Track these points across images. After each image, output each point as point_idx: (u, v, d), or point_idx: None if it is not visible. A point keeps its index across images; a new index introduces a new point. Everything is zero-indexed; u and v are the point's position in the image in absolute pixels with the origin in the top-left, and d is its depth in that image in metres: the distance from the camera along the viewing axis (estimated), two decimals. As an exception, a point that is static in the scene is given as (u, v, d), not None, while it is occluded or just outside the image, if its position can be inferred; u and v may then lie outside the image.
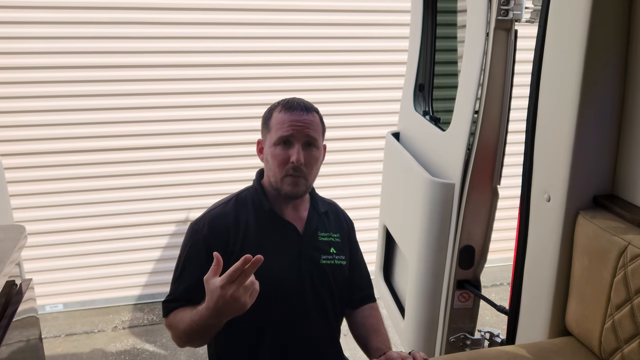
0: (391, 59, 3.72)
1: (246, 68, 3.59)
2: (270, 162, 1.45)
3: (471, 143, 1.79)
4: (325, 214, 1.60)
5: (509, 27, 1.68)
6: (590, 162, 1.42)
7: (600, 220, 1.37)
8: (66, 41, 3.28)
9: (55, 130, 3.39)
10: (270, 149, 1.44)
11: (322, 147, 1.50)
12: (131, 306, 3.75)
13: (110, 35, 3.32)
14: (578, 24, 1.35)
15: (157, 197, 3.65)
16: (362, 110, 3.84)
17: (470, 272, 1.90)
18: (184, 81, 3.50)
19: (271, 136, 1.45)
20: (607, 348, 1.31)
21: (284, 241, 1.49)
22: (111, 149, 3.49)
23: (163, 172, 3.62)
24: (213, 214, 1.48)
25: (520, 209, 1.61)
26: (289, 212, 1.52)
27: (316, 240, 1.53)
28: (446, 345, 1.97)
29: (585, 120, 1.38)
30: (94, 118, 3.42)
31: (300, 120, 1.43)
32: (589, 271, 1.37)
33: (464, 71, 1.85)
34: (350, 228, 1.69)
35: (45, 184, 3.45)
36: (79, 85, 3.35)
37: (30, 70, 3.27)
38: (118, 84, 3.41)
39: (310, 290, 1.49)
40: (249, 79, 3.61)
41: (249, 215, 1.48)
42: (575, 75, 1.37)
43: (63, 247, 3.58)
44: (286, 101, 1.48)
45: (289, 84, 3.65)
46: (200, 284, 1.42)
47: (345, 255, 1.58)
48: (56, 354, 3.20)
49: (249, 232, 1.46)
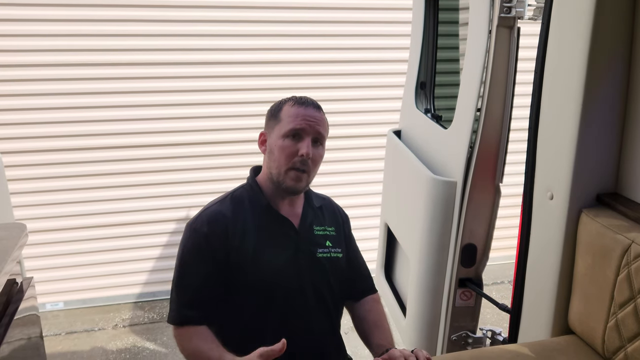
0: (393, 57, 3.71)
1: (244, 66, 3.58)
2: (277, 154, 1.45)
3: (473, 141, 1.78)
4: (320, 209, 1.62)
5: (512, 25, 1.67)
6: (593, 160, 1.42)
7: (604, 219, 1.36)
8: (64, 39, 3.27)
9: (55, 128, 3.38)
10: (279, 140, 1.45)
11: (325, 147, 1.52)
12: (132, 304, 3.74)
13: (106, 33, 3.31)
14: (581, 21, 1.34)
15: (158, 195, 3.65)
16: (363, 108, 3.83)
17: (472, 270, 1.90)
18: (181, 79, 3.49)
19: (280, 127, 1.45)
20: (611, 347, 1.30)
21: (281, 236, 1.50)
22: (113, 146, 3.49)
23: (164, 170, 3.61)
24: (210, 212, 1.48)
25: (523, 207, 1.61)
26: (285, 207, 1.53)
27: (312, 234, 1.54)
28: (448, 344, 1.96)
29: (588, 118, 1.37)
30: (94, 116, 3.42)
31: (313, 116, 1.46)
32: (592, 270, 1.37)
33: (466, 69, 1.84)
34: (345, 221, 1.70)
35: (46, 182, 3.44)
36: (79, 83, 3.35)
37: (31, 68, 3.27)
38: (117, 81, 3.40)
39: (309, 284, 1.50)
40: (246, 77, 3.60)
41: (246, 211, 1.49)
42: (578, 72, 1.36)
43: (64, 245, 3.58)
44: (298, 97, 1.51)
45: (289, 82, 3.64)
46: (207, 285, 1.43)
47: (341, 248, 1.59)
48: (57, 352, 3.20)
49: (247, 228, 1.46)
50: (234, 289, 1.44)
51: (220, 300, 1.45)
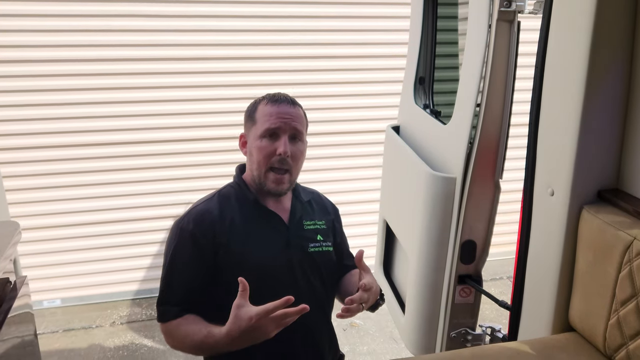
0: (391, 52, 3.69)
1: (237, 61, 3.56)
2: (255, 155, 1.44)
3: (473, 136, 1.76)
4: (309, 203, 1.61)
5: (512, 19, 1.65)
6: (594, 156, 1.40)
7: (605, 215, 1.35)
8: (57, 34, 3.25)
9: (50, 125, 3.36)
10: (256, 141, 1.44)
11: (306, 142, 1.50)
12: (129, 301, 3.73)
13: (96, 28, 3.29)
14: (583, 15, 1.32)
15: (156, 192, 3.63)
16: (361, 104, 3.81)
17: (471, 267, 1.88)
18: (172, 75, 3.48)
19: (257, 128, 1.44)
20: (612, 344, 1.29)
21: (270, 232, 1.48)
22: (109, 143, 3.47)
23: (161, 167, 3.60)
24: (197, 211, 1.46)
25: (523, 204, 1.59)
26: (273, 203, 1.52)
27: (302, 229, 1.53)
28: (447, 341, 1.95)
29: (589, 114, 1.36)
30: (90, 112, 3.40)
31: (287, 113, 1.44)
32: (593, 266, 1.35)
33: (465, 64, 1.82)
34: (335, 213, 1.69)
35: (41, 179, 3.42)
36: (73, 79, 3.33)
37: (24, 64, 3.24)
38: (109, 77, 3.38)
39: (301, 279, 1.49)
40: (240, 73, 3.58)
41: (233, 208, 1.48)
42: (579, 67, 1.34)
43: (61, 242, 3.56)
44: (272, 95, 1.49)
45: (284, 78, 3.63)
46: (192, 283, 1.41)
47: (331, 241, 1.59)
48: (54, 350, 3.19)
49: (234, 225, 1.45)
50: (223, 285, 1.42)
51: (210, 296, 1.43)
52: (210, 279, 1.42)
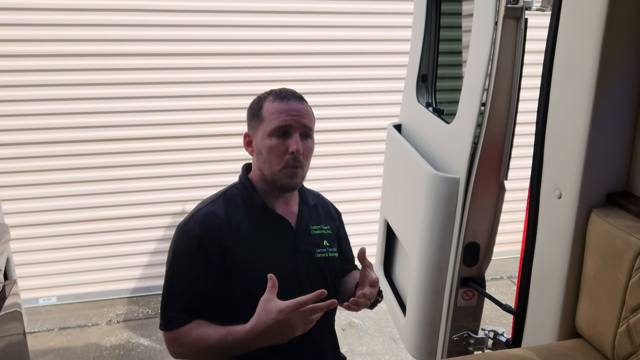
0: (393, 49, 3.65)
1: (240, 57, 3.52)
2: (266, 154, 1.39)
3: (477, 136, 1.72)
4: (315, 207, 1.57)
5: (519, 16, 1.61)
6: (604, 158, 1.36)
7: (615, 219, 1.31)
8: (52, 29, 3.21)
9: (44, 120, 3.33)
10: (265, 140, 1.38)
11: (314, 138, 1.46)
12: (126, 299, 3.69)
13: (97, 22, 3.25)
14: (594, 12, 1.28)
15: (153, 189, 3.60)
16: (363, 101, 3.78)
17: (474, 269, 1.85)
18: (175, 70, 3.44)
19: (264, 127, 1.39)
20: (621, 353, 1.25)
21: (278, 237, 1.44)
22: (107, 139, 3.43)
23: (157, 164, 3.56)
24: (203, 213, 1.41)
25: (530, 206, 1.55)
26: (280, 206, 1.47)
27: (309, 234, 1.50)
28: (449, 344, 1.92)
29: (599, 114, 1.32)
30: (84, 108, 3.36)
31: (296, 109, 1.38)
32: (602, 272, 1.31)
33: (470, 61, 1.78)
34: (339, 218, 1.66)
35: (36, 175, 3.38)
36: (67, 74, 3.29)
37: (16, 59, 3.20)
38: (106, 73, 3.34)
39: (307, 284, 1.44)
40: (243, 69, 3.54)
41: (240, 211, 1.43)
42: (589, 66, 1.30)
43: (57, 239, 3.52)
44: (278, 91, 1.43)
45: (286, 74, 3.59)
46: (199, 288, 1.37)
47: (336, 246, 1.56)
48: (49, 348, 3.15)
49: (242, 228, 1.40)
50: (230, 291, 1.39)
51: (216, 302, 1.39)
52: (216, 283, 1.38)
